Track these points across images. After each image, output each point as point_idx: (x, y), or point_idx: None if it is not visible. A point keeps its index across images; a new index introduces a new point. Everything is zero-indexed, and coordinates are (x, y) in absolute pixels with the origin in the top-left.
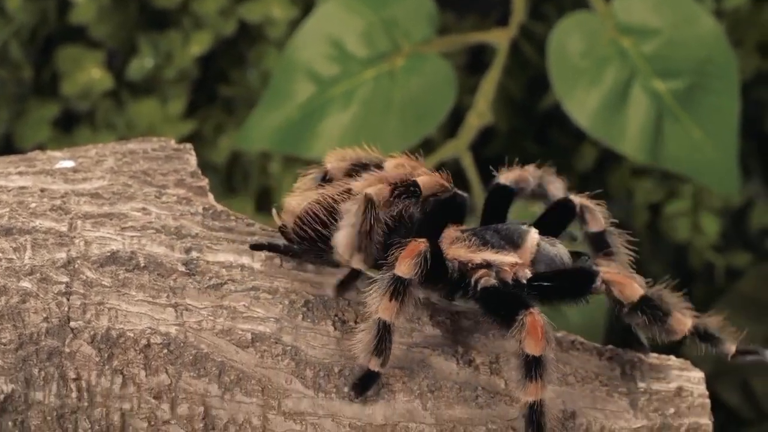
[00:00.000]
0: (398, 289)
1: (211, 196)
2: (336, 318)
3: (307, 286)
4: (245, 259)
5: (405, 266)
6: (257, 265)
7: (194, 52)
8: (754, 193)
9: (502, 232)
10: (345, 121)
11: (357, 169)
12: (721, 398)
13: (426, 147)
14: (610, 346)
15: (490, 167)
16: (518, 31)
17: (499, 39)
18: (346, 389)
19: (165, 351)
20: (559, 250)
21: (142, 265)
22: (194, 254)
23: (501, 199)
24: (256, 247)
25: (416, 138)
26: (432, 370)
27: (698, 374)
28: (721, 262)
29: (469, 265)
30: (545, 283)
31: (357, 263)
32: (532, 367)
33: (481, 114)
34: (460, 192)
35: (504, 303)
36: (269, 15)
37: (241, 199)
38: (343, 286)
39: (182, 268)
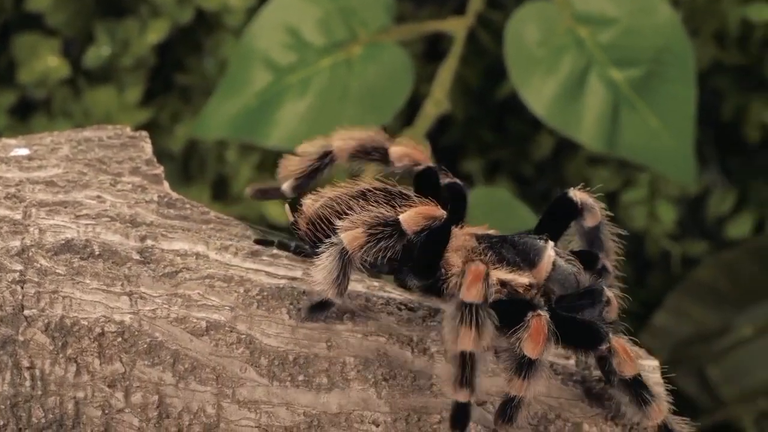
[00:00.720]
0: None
1: (166, 184)
2: (291, 306)
3: (262, 275)
4: (200, 247)
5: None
6: (212, 254)
7: (151, 40)
8: (711, 182)
9: (519, 246)
10: (302, 109)
11: (361, 154)
12: (678, 387)
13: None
14: None
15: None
16: (475, 19)
17: (456, 28)
18: (301, 378)
19: (119, 339)
20: (574, 267)
21: (97, 253)
22: (149, 242)
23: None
24: (263, 242)
25: (373, 126)
26: (387, 359)
27: (653, 362)
28: (678, 251)
29: None
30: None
31: (335, 298)
32: (524, 368)
33: (437, 102)
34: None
35: (514, 309)
36: (226, 3)
37: (198, 187)
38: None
39: (137, 257)
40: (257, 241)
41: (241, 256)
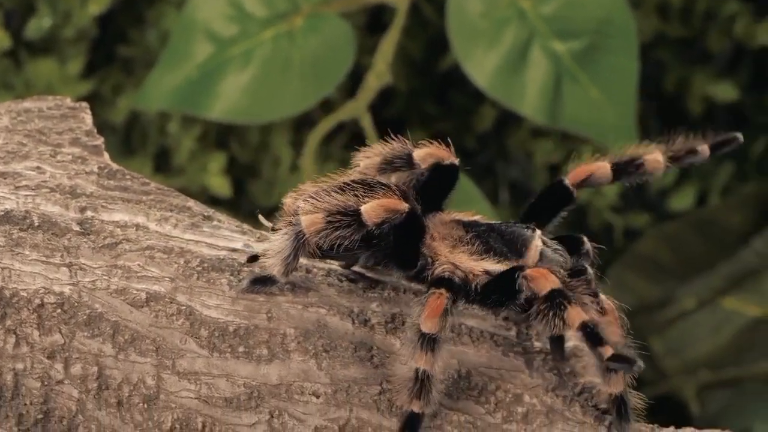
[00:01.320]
0: (430, 344)
1: (106, 155)
2: (231, 278)
3: (202, 246)
4: (140, 219)
5: (431, 325)
6: (152, 225)
7: (93, 11)
8: None
9: (506, 236)
10: (244, 81)
11: (386, 167)
12: None
13: (325, 107)
14: None
15: None
16: None
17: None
18: (241, 349)
19: (59, 311)
20: (561, 258)
21: (36, 224)
22: (89, 213)
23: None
24: (252, 259)
25: (315, 98)
26: (327, 330)
27: None
28: (620, 223)
29: (470, 275)
30: None
31: (281, 277)
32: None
33: (380, 74)
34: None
35: (503, 281)
36: None
37: (140, 159)
38: None
39: (77, 228)
40: (249, 259)
41: (181, 228)
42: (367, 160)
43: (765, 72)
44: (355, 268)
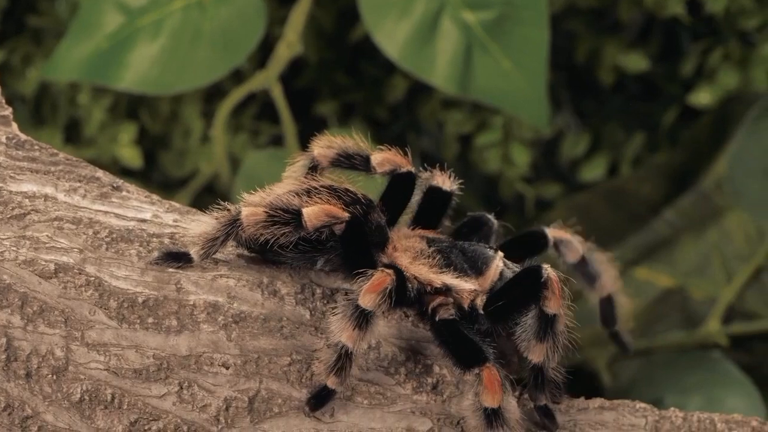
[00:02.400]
0: (361, 319)
1: (14, 126)
2: (140, 249)
3: (111, 217)
4: (49, 189)
5: (369, 300)
6: (61, 195)
7: None
8: (564, 125)
9: (468, 253)
10: (154, 51)
11: (343, 159)
12: None
13: (236, 78)
14: None
15: None
16: None
17: None
18: (150, 320)
19: None
20: None
21: None
22: None
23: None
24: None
25: (226, 69)
26: (237, 301)
27: None
28: (531, 194)
29: (428, 287)
30: (500, 303)
31: (197, 257)
32: (492, 419)
33: (290, 45)
34: (436, 185)
35: (463, 348)
36: None
37: (50, 130)
38: None
39: None
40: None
41: (90, 198)
42: (321, 149)
43: (675, 42)
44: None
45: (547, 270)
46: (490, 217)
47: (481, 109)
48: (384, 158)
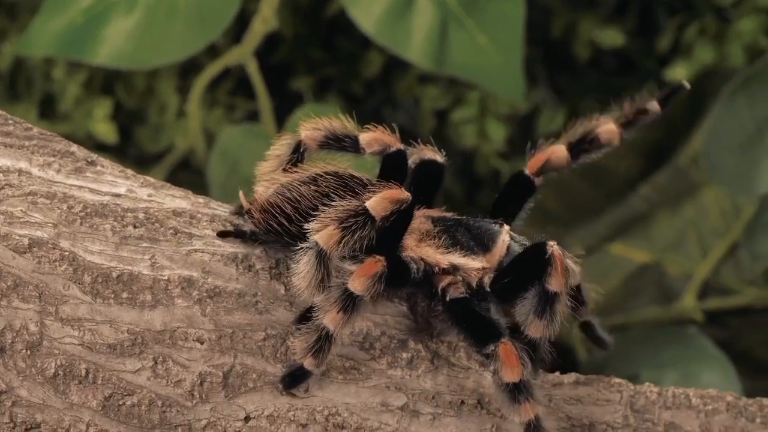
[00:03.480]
0: (348, 303)
1: None
2: (115, 223)
3: (85, 192)
4: (23, 164)
5: (359, 284)
6: (35, 170)
7: None
8: (540, 100)
9: (474, 230)
10: (129, 26)
11: (331, 142)
12: None
13: (211, 53)
14: None
15: None
16: None
17: None
18: (124, 295)
19: None
20: None
21: None
22: None
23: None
24: (223, 234)
25: (201, 44)
26: (211, 276)
27: None
28: (507, 169)
29: (436, 269)
30: (506, 281)
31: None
32: (516, 393)
33: (266, 19)
34: (430, 158)
35: (476, 326)
36: None
37: (25, 105)
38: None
39: None
40: (219, 234)
41: (64, 173)
42: (309, 131)
43: (651, 17)
44: None
45: (552, 247)
46: None
47: (457, 84)
48: (372, 138)
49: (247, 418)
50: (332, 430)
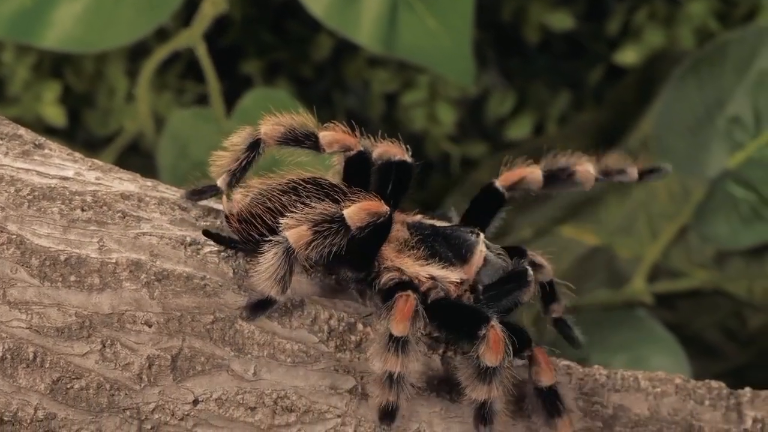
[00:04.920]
0: (397, 347)
1: None
2: (63, 206)
3: (33, 175)
4: None
5: (402, 327)
6: None
7: None
8: (490, 84)
9: (452, 240)
10: (78, 9)
11: (290, 140)
12: None
13: (160, 36)
14: None
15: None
16: None
17: None
18: (72, 278)
19: None
20: (504, 262)
21: None
22: None
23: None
24: (206, 233)
25: (150, 27)
26: (160, 259)
27: None
28: (458, 152)
29: (415, 281)
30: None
31: (278, 296)
32: (487, 374)
33: (215, 2)
34: (399, 159)
35: (464, 316)
36: None
37: None
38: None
39: None
40: (204, 233)
41: (12, 156)
42: (269, 127)
43: (600, 1)
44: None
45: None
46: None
47: (407, 67)
48: (333, 138)
49: (195, 402)
50: (281, 414)
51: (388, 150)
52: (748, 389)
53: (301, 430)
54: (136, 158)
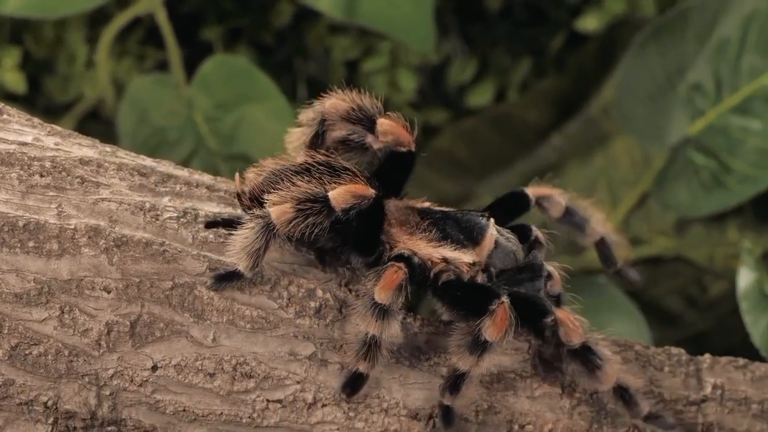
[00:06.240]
0: (382, 313)
1: None
2: (21, 172)
3: None
4: None
5: (385, 296)
6: None
7: None
8: (451, 51)
9: (462, 224)
10: None
11: (353, 118)
12: None
13: (121, 2)
14: None
15: None
16: None
17: None
18: (31, 244)
19: None
20: (514, 245)
21: None
22: None
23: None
24: (210, 225)
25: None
26: (119, 225)
27: None
28: (418, 119)
29: (428, 262)
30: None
31: (247, 271)
32: (480, 347)
33: None
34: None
35: (475, 294)
36: None
37: None
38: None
39: None
40: (207, 225)
41: None
42: (334, 100)
43: None
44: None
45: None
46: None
47: (368, 34)
48: (389, 128)
49: (154, 368)
50: (240, 380)
51: (393, 131)
52: (707, 356)
53: (261, 397)
54: (97, 125)
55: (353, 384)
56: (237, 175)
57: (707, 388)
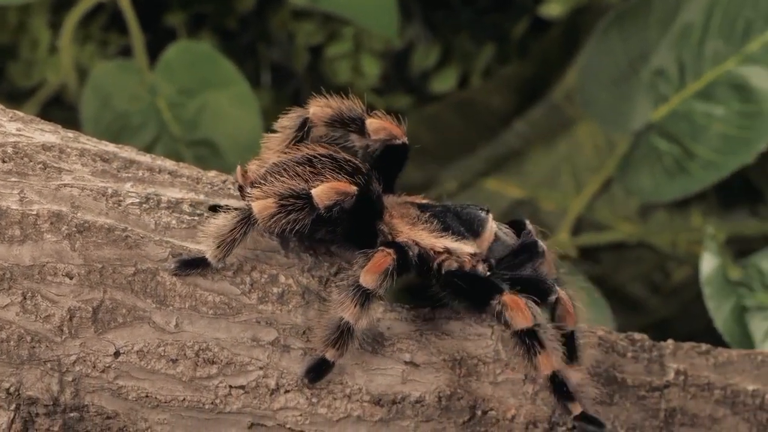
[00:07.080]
0: (363, 298)
1: None
2: None
3: None
4: None
5: (371, 279)
6: None
7: None
8: (415, 36)
9: (463, 216)
10: None
11: (337, 123)
12: None
13: None
14: None
15: None
16: None
17: None
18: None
19: None
20: (512, 240)
21: None
22: None
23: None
24: (213, 208)
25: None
26: (81, 211)
27: None
28: (382, 105)
29: (431, 252)
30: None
31: (215, 261)
32: (531, 339)
33: None
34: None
35: (478, 286)
36: None
37: None
38: None
39: None
40: (210, 208)
41: None
42: (317, 109)
43: None
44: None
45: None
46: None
47: (332, 20)
48: (380, 126)
49: (116, 354)
50: (202, 366)
51: (384, 127)
52: (670, 341)
53: (223, 383)
54: (59, 110)
55: (317, 370)
56: (238, 168)
57: (670, 373)
